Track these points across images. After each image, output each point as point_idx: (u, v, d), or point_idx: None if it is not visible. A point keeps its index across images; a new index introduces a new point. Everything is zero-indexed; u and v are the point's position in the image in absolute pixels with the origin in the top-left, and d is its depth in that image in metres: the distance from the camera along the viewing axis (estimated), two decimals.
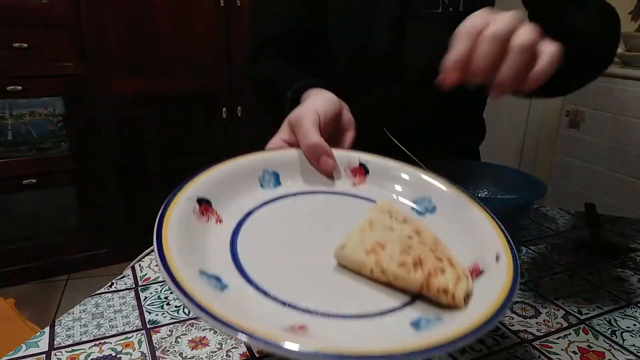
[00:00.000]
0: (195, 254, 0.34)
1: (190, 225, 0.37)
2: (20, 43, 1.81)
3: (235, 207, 0.42)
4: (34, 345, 0.45)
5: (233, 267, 0.35)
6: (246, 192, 0.44)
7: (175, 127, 2.21)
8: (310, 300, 0.32)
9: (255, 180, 0.46)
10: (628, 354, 0.48)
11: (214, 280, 0.33)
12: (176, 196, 0.39)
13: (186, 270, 0.31)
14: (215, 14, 2.15)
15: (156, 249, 0.32)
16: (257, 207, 0.43)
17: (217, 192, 0.41)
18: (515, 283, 0.33)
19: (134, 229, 2.24)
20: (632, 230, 0.79)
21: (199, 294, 0.29)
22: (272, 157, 0.48)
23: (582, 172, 2.06)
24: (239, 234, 0.39)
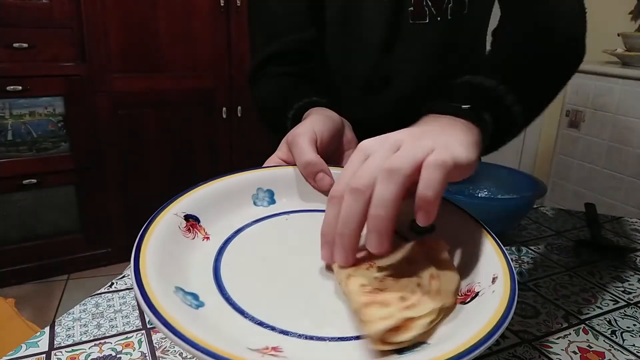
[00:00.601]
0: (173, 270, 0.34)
1: (173, 241, 0.37)
2: (20, 43, 1.81)
3: (224, 225, 0.41)
4: (34, 345, 0.45)
5: (213, 284, 0.35)
6: (237, 210, 0.43)
7: (175, 127, 2.21)
8: (288, 321, 0.32)
9: (248, 198, 0.45)
10: (628, 354, 0.48)
11: (190, 298, 0.32)
12: (163, 212, 0.39)
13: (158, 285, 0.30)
14: (215, 14, 2.15)
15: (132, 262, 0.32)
16: (247, 225, 0.42)
17: (207, 209, 0.41)
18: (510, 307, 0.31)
19: (134, 229, 2.22)
20: (632, 230, 0.79)
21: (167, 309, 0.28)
22: (267, 175, 0.47)
23: (582, 172, 2.06)
24: (225, 252, 0.38)
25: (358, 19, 0.74)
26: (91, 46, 1.94)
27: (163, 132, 2.19)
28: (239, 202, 0.44)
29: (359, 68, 0.77)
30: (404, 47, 0.74)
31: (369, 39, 0.74)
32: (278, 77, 0.75)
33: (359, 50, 0.75)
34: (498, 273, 0.35)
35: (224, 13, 2.16)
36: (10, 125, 1.88)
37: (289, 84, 0.73)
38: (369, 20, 0.73)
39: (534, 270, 0.64)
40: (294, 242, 0.43)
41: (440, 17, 0.71)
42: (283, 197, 0.46)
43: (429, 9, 0.70)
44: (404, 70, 0.75)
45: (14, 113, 1.88)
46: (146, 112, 2.13)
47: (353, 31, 0.74)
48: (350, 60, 0.77)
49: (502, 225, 0.70)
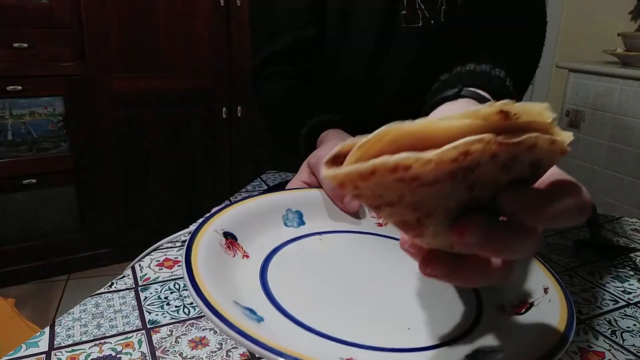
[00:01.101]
0: (227, 285, 0.33)
1: (218, 257, 0.36)
2: (20, 43, 1.81)
3: (260, 244, 0.41)
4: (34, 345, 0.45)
5: (266, 300, 0.34)
6: (270, 230, 0.44)
7: (175, 127, 2.22)
8: (354, 333, 0.31)
9: (279, 218, 0.46)
10: (628, 354, 0.48)
11: (249, 312, 0.31)
12: (204, 227, 0.38)
13: (222, 299, 0.29)
14: (215, 14, 2.15)
15: (186, 275, 0.31)
16: (283, 244, 0.43)
17: (241, 228, 0.41)
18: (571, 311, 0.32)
19: (134, 229, 2.24)
20: (632, 230, 0.79)
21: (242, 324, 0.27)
22: (295, 197, 0.48)
23: (582, 172, 2.06)
24: (268, 269, 0.38)
25: (353, 22, 0.74)
26: (91, 46, 1.94)
27: (163, 132, 2.19)
28: (270, 222, 0.45)
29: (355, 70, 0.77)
30: (397, 51, 0.74)
31: (363, 41, 0.74)
32: (282, 80, 0.76)
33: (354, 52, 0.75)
34: (547, 283, 0.36)
35: (224, 13, 2.16)
36: (10, 125, 1.88)
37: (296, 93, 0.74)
38: (363, 23, 0.73)
39: None
40: (334, 259, 0.43)
41: (433, 20, 0.71)
42: (312, 218, 0.47)
43: (422, 12, 0.70)
44: (397, 74, 0.75)
45: (14, 113, 1.88)
46: (146, 112, 2.13)
47: (349, 34, 0.75)
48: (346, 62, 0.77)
49: None
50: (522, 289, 0.37)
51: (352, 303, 0.36)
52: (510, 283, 0.38)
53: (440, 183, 0.21)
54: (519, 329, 0.33)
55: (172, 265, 0.61)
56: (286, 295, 0.35)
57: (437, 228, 0.24)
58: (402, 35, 0.72)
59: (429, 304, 0.37)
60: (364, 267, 0.42)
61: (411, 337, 0.32)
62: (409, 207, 0.23)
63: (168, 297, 0.54)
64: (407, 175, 0.20)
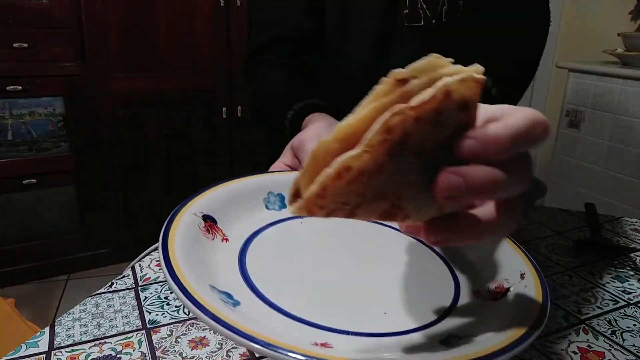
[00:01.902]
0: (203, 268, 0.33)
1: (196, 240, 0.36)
2: (20, 43, 1.81)
3: (240, 227, 0.41)
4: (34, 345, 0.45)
5: (244, 284, 0.34)
6: (251, 213, 0.43)
7: (175, 127, 2.21)
8: (330, 318, 0.31)
9: (260, 201, 0.45)
10: (628, 354, 0.48)
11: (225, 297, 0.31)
12: (181, 210, 0.38)
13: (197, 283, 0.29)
14: (215, 14, 2.15)
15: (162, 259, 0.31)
16: (264, 227, 0.42)
17: (221, 211, 0.41)
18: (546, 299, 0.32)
19: (134, 229, 2.24)
20: (632, 230, 0.79)
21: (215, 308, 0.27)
22: (276, 179, 0.48)
23: (582, 172, 2.06)
24: (247, 253, 0.38)
25: (354, 21, 0.74)
26: (91, 46, 1.94)
27: (163, 132, 2.19)
28: (251, 205, 0.44)
29: (355, 69, 0.77)
30: (398, 50, 0.74)
31: (364, 41, 0.74)
32: (275, 68, 0.76)
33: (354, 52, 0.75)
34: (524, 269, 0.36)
35: (224, 13, 2.16)
36: (10, 125, 1.88)
37: (287, 79, 0.74)
38: (364, 22, 0.73)
39: None
40: (314, 242, 0.43)
41: (435, 20, 0.71)
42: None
43: (423, 11, 0.71)
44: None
45: (14, 113, 1.88)
46: (146, 112, 2.13)
47: (349, 33, 0.75)
48: (346, 62, 0.77)
49: None
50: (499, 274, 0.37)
51: (329, 287, 0.37)
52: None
53: (385, 165, 0.22)
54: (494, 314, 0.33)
55: None
56: (264, 280, 0.35)
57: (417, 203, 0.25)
58: (403, 34, 0.73)
59: (407, 289, 0.37)
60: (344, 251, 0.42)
61: (386, 322, 0.33)
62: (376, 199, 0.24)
63: (168, 297, 0.54)
64: (353, 175, 0.21)
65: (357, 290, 0.36)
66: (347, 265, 0.40)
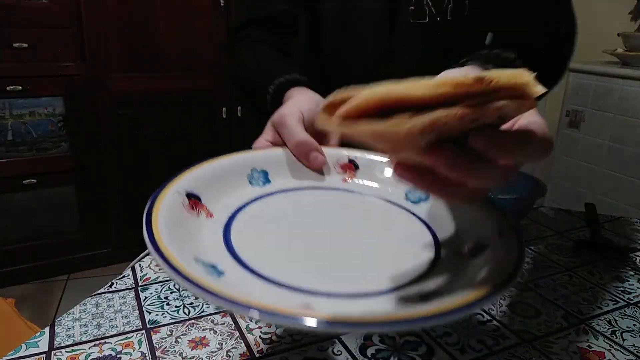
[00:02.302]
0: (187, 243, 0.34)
1: (179, 217, 0.37)
2: (20, 43, 1.81)
3: (224, 203, 0.42)
4: (34, 345, 0.45)
5: (228, 255, 0.35)
6: (235, 190, 0.44)
7: (175, 127, 2.21)
8: (312, 282, 0.32)
9: (244, 178, 0.46)
10: (628, 354, 0.48)
11: (210, 268, 0.32)
12: (164, 189, 0.39)
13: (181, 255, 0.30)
14: (215, 14, 2.15)
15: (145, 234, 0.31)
16: (247, 203, 0.43)
17: (205, 188, 0.41)
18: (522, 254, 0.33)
19: (134, 229, 2.24)
20: (632, 230, 0.79)
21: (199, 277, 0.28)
22: (259, 156, 0.48)
23: (582, 172, 2.06)
24: (232, 227, 0.39)
25: (357, 17, 0.74)
26: (91, 46, 1.94)
27: (163, 132, 2.19)
28: (234, 182, 0.45)
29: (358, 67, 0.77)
30: (403, 47, 0.74)
31: (368, 37, 0.74)
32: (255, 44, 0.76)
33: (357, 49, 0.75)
34: (503, 228, 0.37)
35: (224, 13, 2.16)
36: (10, 125, 1.88)
37: (270, 55, 0.74)
38: (368, 18, 0.73)
39: (534, 270, 0.64)
40: (298, 214, 0.44)
41: (440, 18, 0.71)
42: (277, 177, 0.47)
43: (429, 8, 0.71)
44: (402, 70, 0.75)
45: (14, 113, 1.88)
46: (146, 112, 2.13)
47: (352, 30, 0.75)
48: (349, 59, 0.77)
49: None
50: (478, 233, 0.38)
51: (312, 254, 0.37)
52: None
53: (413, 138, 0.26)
54: (472, 272, 0.34)
55: None
56: (248, 250, 0.36)
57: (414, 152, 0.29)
58: (406, 32, 0.73)
59: (388, 253, 0.39)
60: (327, 220, 0.43)
61: (367, 284, 0.33)
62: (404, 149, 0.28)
63: (168, 297, 0.54)
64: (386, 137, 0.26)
65: (339, 256, 0.37)
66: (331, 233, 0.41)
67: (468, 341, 0.48)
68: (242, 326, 0.49)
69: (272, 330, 0.49)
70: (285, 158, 0.49)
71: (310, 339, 0.48)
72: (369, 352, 0.46)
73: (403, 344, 0.48)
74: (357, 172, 0.49)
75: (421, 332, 0.50)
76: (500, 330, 0.51)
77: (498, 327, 0.51)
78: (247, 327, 0.49)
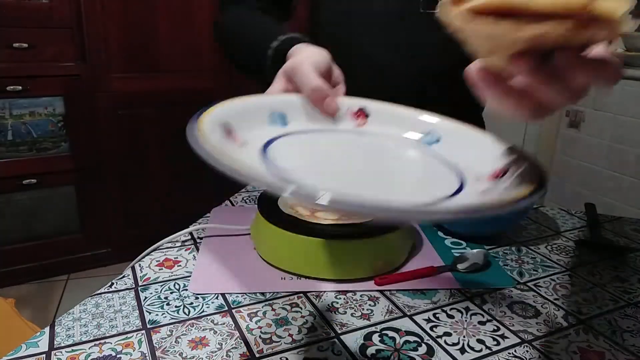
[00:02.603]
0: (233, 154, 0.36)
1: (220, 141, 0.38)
2: (20, 43, 1.81)
3: (253, 135, 0.43)
4: (34, 345, 0.45)
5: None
6: (256, 128, 0.45)
7: (175, 127, 2.21)
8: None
9: (264, 118, 0.46)
10: (628, 354, 0.48)
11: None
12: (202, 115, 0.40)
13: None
14: (216, 14, 2.15)
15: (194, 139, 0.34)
16: (274, 138, 0.44)
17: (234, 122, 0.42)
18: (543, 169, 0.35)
19: (134, 229, 2.24)
20: (632, 230, 0.79)
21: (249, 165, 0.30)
22: (276, 100, 0.49)
23: (582, 172, 2.06)
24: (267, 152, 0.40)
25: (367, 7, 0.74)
26: (91, 46, 1.94)
27: (163, 132, 2.19)
28: (255, 122, 0.46)
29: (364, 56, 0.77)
30: (413, 38, 0.74)
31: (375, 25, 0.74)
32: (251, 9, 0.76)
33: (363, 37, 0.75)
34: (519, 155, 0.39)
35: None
36: (10, 125, 1.88)
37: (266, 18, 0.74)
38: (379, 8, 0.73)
39: (534, 270, 0.64)
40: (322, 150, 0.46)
41: None
42: (293, 120, 0.48)
43: None
44: (410, 59, 0.75)
45: (14, 113, 1.88)
46: (146, 112, 2.13)
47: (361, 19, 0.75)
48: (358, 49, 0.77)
49: (502, 225, 0.70)
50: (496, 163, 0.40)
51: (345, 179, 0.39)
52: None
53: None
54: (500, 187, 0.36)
55: (172, 265, 0.61)
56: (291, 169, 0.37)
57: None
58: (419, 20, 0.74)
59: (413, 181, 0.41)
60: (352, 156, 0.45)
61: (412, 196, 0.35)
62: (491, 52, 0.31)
63: (168, 297, 0.54)
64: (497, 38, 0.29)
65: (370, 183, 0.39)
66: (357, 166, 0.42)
67: (468, 341, 0.48)
68: (242, 326, 0.49)
69: (272, 330, 0.49)
70: (300, 103, 0.49)
71: (311, 339, 0.48)
72: (369, 352, 0.46)
73: (403, 344, 0.48)
74: (368, 120, 0.51)
75: (421, 332, 0.50)
76: (500, 330, 0.51)
77: (498, 327, 0.51)
78: (247, 327, 0.49)
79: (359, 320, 0.51)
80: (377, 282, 0.58)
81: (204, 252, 0.64)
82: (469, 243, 0.69)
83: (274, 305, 0.53)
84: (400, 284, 0.58)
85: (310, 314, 0.52)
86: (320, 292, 0.56)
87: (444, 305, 0.54)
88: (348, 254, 0.58)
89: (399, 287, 0.57)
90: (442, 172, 0.41)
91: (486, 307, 0.54)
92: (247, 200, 0.81)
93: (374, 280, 0.58)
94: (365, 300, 0.55)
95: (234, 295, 0.55)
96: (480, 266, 0.62)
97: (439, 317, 0.52)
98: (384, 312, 0.53)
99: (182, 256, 0.63)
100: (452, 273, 0.61)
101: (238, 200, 0.81)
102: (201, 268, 0.60)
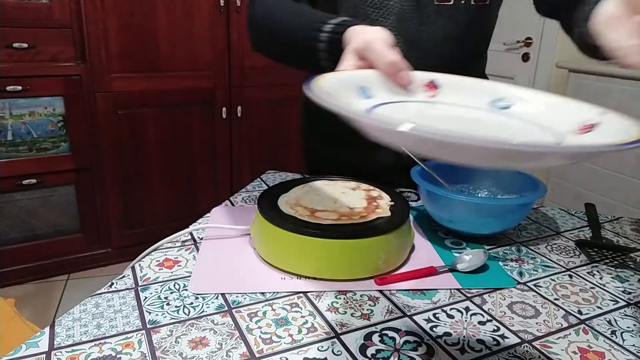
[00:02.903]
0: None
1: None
2: (20, 43, 1.81)
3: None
4: (34, 345, 0.45)
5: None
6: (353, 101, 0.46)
7: (175, 127, 2.21)
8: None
9: (354, 91, 0.48)
10: (628, 354, 0.48)
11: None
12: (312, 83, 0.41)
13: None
14: (215, 14, 2.15)
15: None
16: (374, 106, 0.46)
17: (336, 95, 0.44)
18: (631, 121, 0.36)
19: (134, 229, 2.24)
20: (632, 230, 0.79)
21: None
22: (356, 75, 0.51)
23: (582, 172, 2.06)
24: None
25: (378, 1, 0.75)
26: (91, 46, 1.94)
27: (163, 132, 2.19)
28: (349, 95, 0.47)
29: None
30: (427, 29, 0.76)
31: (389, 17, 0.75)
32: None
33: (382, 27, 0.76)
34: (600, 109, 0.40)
35: (224, 13, 2.16)
36: (10, 125, 1.88)
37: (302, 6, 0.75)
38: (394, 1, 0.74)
39: (534, 270, 0.64)
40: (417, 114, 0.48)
41: (464, 1, 0.74)
42: (376, 93, 0.50)
43: None
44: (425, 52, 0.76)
45: (14, 113, 1.88)
46: (146, 112, 2.13)
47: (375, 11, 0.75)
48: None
49: (502, 225, 0.70)
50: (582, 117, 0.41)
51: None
52: None
53: None
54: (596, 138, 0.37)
55: (172, 265, 0.61)
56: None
57: None
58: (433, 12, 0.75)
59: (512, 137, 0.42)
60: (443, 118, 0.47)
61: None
62: None
63: (168, 297, 0.54)
64: None
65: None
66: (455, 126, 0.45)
67: (468, 341, 0.48)
68: (242, 326, 0.49)
69: (272, 330, 0.49)
70: (376, 78, 0.52)
71: (311, 339, 0.48)
72: (369, 352, 0.46)
73: (403, 344, 0.48)
74: (439, 91, 0.53)
75: (421, 332, 0.50)
76: (500, 330, 0.51)
77: (498, 327, 0.51)
78: (247, 327, 0.49)
79: (359, 320, 0.51)
80: (377, 282, 0.58)
81: (204, 252, 0.64)
82: (469, 243, 0.69)
83: (274, 305, 0.53)
84: (400, 284, 0.58)
85: (310, 314, 0.52)
86: (320, 292, 0.56)
87: (444, 305, 0.54)
88: (348, 254, 0.58)
89: (399, 287, 0.57)
90: (531, 130, 0.43)
91: (486, 307, 0.55)
92: (247, 200, 0.81)
93: (374, 280, 0.58)
94: (365, 300, 0.55)
95: (234, 295, 0.55)
96: (480, 266, 0.62)
97: (439, 317, 0.52)
98: (384, 312, 0.53)
99: (182, 256, 0.63)
100: (452, 273, 0.61)
101: (238, 200, 0.81)
102: (201, 268, 0.60)
